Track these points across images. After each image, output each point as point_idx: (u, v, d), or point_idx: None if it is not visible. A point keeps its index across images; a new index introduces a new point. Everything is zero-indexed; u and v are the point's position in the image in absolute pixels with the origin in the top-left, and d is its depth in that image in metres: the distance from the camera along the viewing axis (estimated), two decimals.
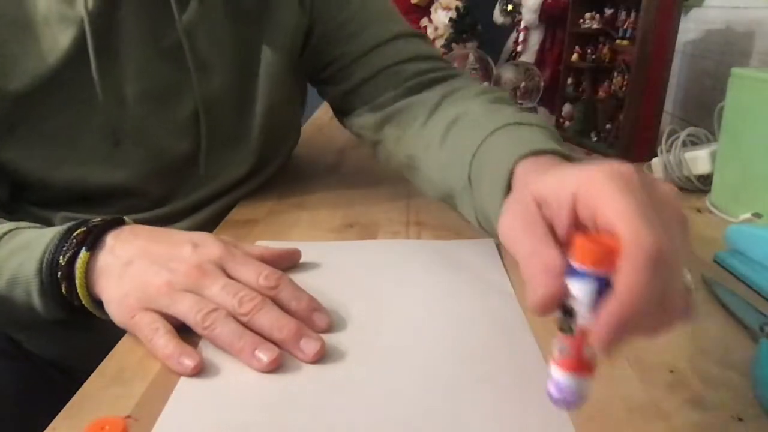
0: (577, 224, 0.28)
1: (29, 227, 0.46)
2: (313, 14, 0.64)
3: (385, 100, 0.63)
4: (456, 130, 0.52)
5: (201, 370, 0.35)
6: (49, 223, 0.54)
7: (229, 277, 0.40)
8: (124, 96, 0.56)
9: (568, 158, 0.39)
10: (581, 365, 0.26)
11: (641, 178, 0.27)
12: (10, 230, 0.45)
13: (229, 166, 0.65)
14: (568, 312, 0.26)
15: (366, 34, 0.64)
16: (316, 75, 0.69)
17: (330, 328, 0.40)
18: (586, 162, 0.31)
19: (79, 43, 0.52)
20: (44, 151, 0.54)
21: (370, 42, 0.64)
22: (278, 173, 0.77)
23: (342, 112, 0.69)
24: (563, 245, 0.27)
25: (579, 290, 0.25)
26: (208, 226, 0.63)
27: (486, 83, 0.64)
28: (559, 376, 0.26)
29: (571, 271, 0.26)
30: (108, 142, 0.56)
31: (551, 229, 0.28)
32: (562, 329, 0.26)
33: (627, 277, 0.24)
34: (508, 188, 0.38)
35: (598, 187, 0.26)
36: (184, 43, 0.56)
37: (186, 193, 0.63)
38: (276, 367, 0.36)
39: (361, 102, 0.66)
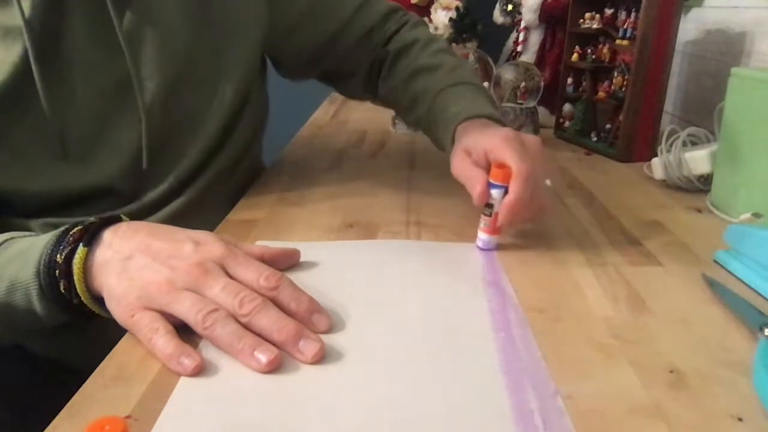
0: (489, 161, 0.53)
1: (24, 236, 0.45)
2: (271, 5, 0.67)
3: (361, 68, 0.77)
4: (413, 83, 0.71)
5: (203, 370, 0.35)
6: (27, 231, 0.53)
7: (230, 276, 0.40)
8: (74, 100, 0.54)
9: (487, 116, 0.61)
10: (495, 231, 0.53)
11: (518, 137, 0.53)
12: (6, 240, 0.45)
13: (193, 143, 0.63)
14: (489, 205, 0.52)
15: (333, 14, 0.73)
16: (290, 60, 0.77)
17: (330, 329, 0.40)
18: (492, 127, 0.58)
19: (27, 55, 0.51)
20: (7, 165, 0.53)
21: (341, 19, 0.73)
22: (274, 174, 0.77)
23: (326, 81, 0.82)
24: (485, 170, 0.53)
25: (494, 193, 0.51)
26: (191, 209, 0.63)
27: (425, 28, 0.80)
28: (483, 236, 0.53)
29: (490, 185, 0.51)
30: (60, 151, 0.54)
31: (476, 164, 0.53)
32: (484, 213, 0.53)
33: (514, 186, 0.50)
34: (453, 139, 0.61)
35: (497, 145, 0.52)
36: (124, 48, 0.55)
37: (161, 179, 0.62)
38: (275, 368, 0.36)
39: (339, 75, 0.79)
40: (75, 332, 0.56)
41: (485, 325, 0.41)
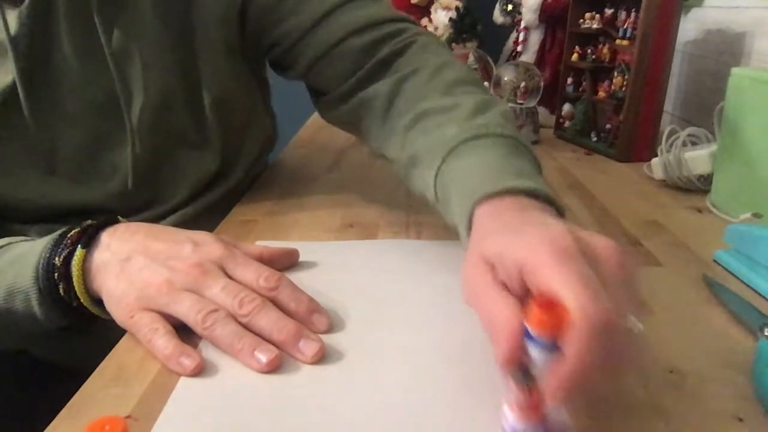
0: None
1: (22, 240, 0.45)
2: None
3: (344, 92, 0.60)
4: (411, 134, 0.51)
5: (202, 370, 0.35)
6: (25, 236, 0.53)
7: (229, 277, 0.40)
8: (64, 117, 0.53)
9: (526, 192, 0.39)
10: (534, 413, 0.29)
11: (577, 243, 0.30)
12: (3, 245, 0.45)
13: (194, 167, 0.62)
14: (525, 370, 0.29)
15: (306, 7, 0.59)
16: (266, 56, 0.66)
17: (329, 329, 0.40)
18: (533, 218, 0.35)
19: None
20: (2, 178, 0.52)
21: (312, 16, 0.58)
22: (274, 174, 0.77)
23: (312, 96, 0.67)
24: (519, 299, 0.31)
25: (535, 355, 0.29)
26: (188, 225, 0.62)
27: (440, 49, 0.60)
28: (514, 421, 0.29)
29: (528, 337, 0.29)
30: (47, 169, 0.54)
31: (505, 287, 0.31)
32: (517, 383, 0.29)
33: (575, 346, 0.27)
34: (470, 226, 0.39)
35: (540, 260, 0.29)
36: (111, 67, 0.53)
37: (162, 200, 0.61)
38: (275, 368, 0.36)
39: (318, 87, 0.63)
40: (75, 335, 0.56)
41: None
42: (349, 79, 0.59)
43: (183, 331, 0.38)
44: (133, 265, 0.40)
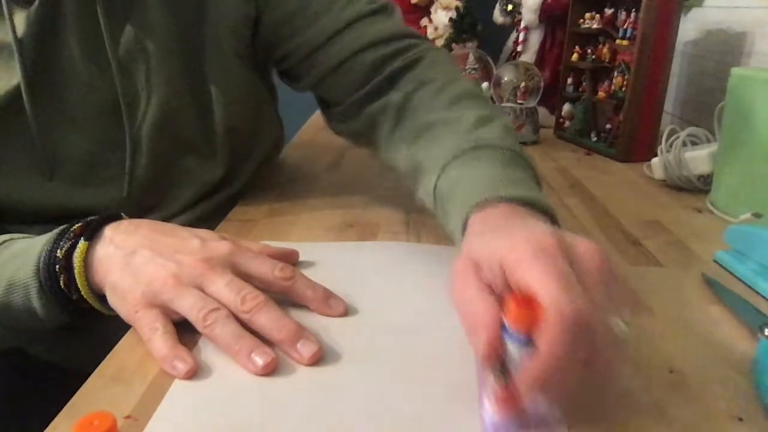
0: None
1: (23, 237, 0.45)
2: (258, 3, 0.59)
3: (354, 104, 0.60)
4: (416, 145, 0.52)
5: (196, 373, 0.35)
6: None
7: (242, 272, 0.40)
8: (69, 121, 0.53)
9: (519, 200, 0.39)
10: (511, 404, 0.30)
11: (559, 243, 0.31)
12: (4, 241, 0.44)
13: (199, 175, 0.62)
14: (503, 364, 0.30)
15: (320, 22, 0.59)
16: (276, 67, 0.66)
17: (346, 313, 0.41)
18: (521, 222, 0.36)
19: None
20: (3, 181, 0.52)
21: (326, 32, 0.59)
22: (274, 174, 0.77)
23: (321, 106, 0.67)
24: (501, 300, 0.31)
25: (512, 349, 0.29)
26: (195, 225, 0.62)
27: (447, 65, 0.61)
28: (491, 414, 0.30)
29: (505, 332, 0.30)
30: (45, 174, 0.53)
31: (489, 288, 0.32)
32: (496, 377, 0.30)
33: (547, 340, 0.27)
34: (464, 230, 0.41)
35: (519, 257, 0.30)
36: (115, 73, 0.53)
37: (164, 206, 0.61)
38: (270, 372, 0.35)
39: (328, 99, 0.64)
40: (75, 336, 0.56)
41: None
42: (359, 91, 0.59)
43: (185, 327, 0.38)
44: (138, 259, 0.40)
